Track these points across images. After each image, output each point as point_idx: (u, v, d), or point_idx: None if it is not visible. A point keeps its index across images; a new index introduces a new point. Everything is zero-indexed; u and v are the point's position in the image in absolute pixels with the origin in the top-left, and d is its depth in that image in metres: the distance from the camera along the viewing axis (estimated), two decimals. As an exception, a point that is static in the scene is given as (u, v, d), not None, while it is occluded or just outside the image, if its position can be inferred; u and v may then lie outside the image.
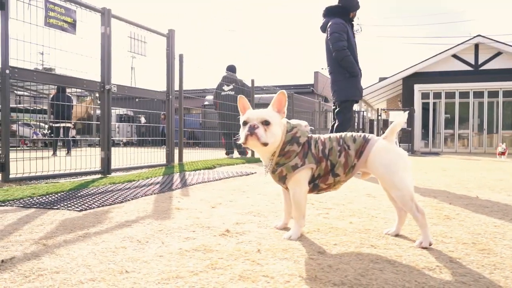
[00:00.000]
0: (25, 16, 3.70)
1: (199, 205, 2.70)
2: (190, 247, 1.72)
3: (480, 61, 17.63)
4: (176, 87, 5.89)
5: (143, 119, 19.08)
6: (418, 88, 17.19)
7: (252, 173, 4.76)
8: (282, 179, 1.86)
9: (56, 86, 8.33)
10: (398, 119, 1.91)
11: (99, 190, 3.22)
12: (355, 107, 19.47)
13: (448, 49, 18.17)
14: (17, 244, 1.74)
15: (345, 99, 4.98)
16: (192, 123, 14.80)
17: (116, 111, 17.86)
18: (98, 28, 4.43)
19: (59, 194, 3.01)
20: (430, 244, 1.75)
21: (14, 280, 1.34)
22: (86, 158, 4.63)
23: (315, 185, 1.90)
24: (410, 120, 16.10)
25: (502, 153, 8.79)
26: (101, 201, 2.73)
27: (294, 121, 1.97)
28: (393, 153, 1.83)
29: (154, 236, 1.89)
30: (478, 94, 16.66)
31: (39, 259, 1.54)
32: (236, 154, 8.68)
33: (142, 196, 2.97)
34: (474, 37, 17.60)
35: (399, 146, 1.96)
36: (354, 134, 1.96)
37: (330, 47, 4.95)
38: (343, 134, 1.97)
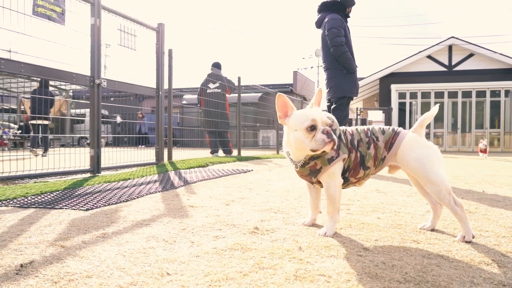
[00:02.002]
0: (11, 2, 3.45)
1: (212, 202, 2.56)
2: (225, 246, 1.59)
3: (453, 62, 18.11)
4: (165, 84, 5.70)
5: (119, 118, 18.61)
6: (395, 88, 17.48)
7: (249, 171, 4.64)
8: (314, 173, 1.76)
9: (40, 80, 7.94)
10: (429, 112, 1.85)
11: (97, 189, 3.03)
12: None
13: (423, 50, 18.58)
14: (31, 247, 1.56)
15: (342, 95, 4.93)
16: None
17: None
18: (88, 20, 4.21)
19: (54, 194, 2.80)
20: (473, 237, 1.69)
21: (42, 286, 1.18)
22: (66, 156, 4.40)
23: (345, 179, 1.81)
24: (388, 119, 16.37)
25: (484, 151, 8.98)
26: (105, 200, 2.55)
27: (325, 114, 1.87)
28: (425, 147, 1.77)
29: (180, 235, 1.75)
30: (453, 94, 17.10)
31: (63, 263, 1.38)
32: (221, 153, 8.53)
33: (147, 194, 2.80)
34: (448, 38, 18.06)
35: None
36: (382, 126, 1.89)
37: (328, 43, 4.89)
38: (369, 126, 1.89)
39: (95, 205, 2.36)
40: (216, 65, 8.73)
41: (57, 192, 2.86)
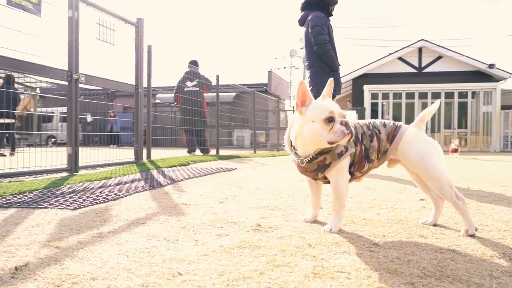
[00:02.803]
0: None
1: (205, 200, 2.48)
2: (231, 244, 1.53)
3: (423, 64, 18.64)
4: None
5: (89, 118, 18.08)
6: (368, 89, 17.78)
7: (233, 169, 4.57)
8: (322, 168, 1.71)
9: (4, 77, 7.57)
10: (430, 107, 1.85)
11: (80, 188, 2.89)
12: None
13: (394, 52, 19.03)
14: (22, 248, 1.45)
15: (324, 93, 4.93)
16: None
17: (59, 110, 16.83)
18: (65, 13, 4.02)
19: (34, 193, 2.64)
20: (476, 230, 1.70)
21: (43, 290, 1.08)
22: (36, 155, 4.19)
23: (350, 174, 1.78)
24: (361, 119, 16.65)
25: (455, 150, 9.25)
26: (92, 198, 2.43)
27: None
28: (426, 141, 1.76)
29: (181, 233, 1.67)
30: (423, 95, 17.55)
31: (61, 264, 1.28)
32: (198, 152, 8.40)
33: (134, 192, 2.69)
34: (418, 41, 18.56)
35: None
36: (382, 120, 1.87)
37: (311, 41, 4.88)
38: (370, 120, 1.87)
39: (82, 204, 2.23)
40: (194, 63, 8.60)
41: (37, 192, 2.70)
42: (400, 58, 18.78)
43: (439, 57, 18.37)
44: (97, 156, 4.74)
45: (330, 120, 1.57)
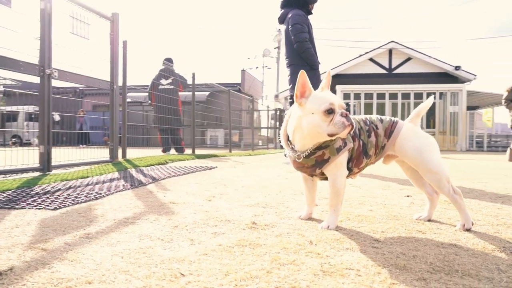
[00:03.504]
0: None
1: (192, 198, 2.40)
2: (230, 242, 1.46)
3: (393, 65, 19.08)
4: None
5: (57, 117, 17.47)
6: (340, 89, 18.01)
7: (214, 168, 4.49)
8: (320, 164, 1.67)
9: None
10: (425, 102, 1.85)
11: (56, 188, 2.74)
12: (279, 105, 19.80)
13: (366, 53, 19.40)
14: (3, 251, 1.33)
15: (305, 91, 4.92)
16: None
17: (25, 109, 16.20)
18: (38, 4, 3.83)
19: (7, 193, 2.48)
20: (472, 225, 1.70)
21: (35, 296, 0.99)
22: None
23: (348, 169, 1.74)
24: (334, 119, 16.83)
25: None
26: (71, 198, 2.30)
27: None
28: (423, 136, 1.76)
29: (174, 233, 1.59)
30: (393, 96, 17.94)
31: (51, 267, 1.18)
32: (173, 151, 8.24)
33: (116, 191, 2.57)
34: (388, 42, 18.97)
35: None
36: (378, 115, 1.85)
37: (291, 38, 4.86)
38: (367, 115, 1.85)
39: (62, 204, 2.11)
40: (169, 61, 8.43)
41: (10, 192, 2.54)
42: (371, 59, 19.15)
43: (409, 59, 18.86)
44: (68, 156, 4.54)
45: (330, 111, 1.53)
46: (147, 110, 14.66)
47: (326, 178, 1.74)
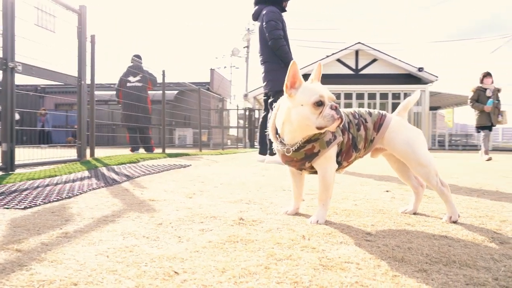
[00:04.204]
0: None
1: (172, 196, 2.31)
2: (220, 239, 1.40)
3: (360, 66, 19.46)
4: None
5: (16, 116, 16.71)
6: (309, 89, 18.14)
7: (188, 165, 4.38)
8: (310, 157, 1.63)
9: None
10: (412, 96, 1.85)
11: (23, 187, 2.57)
12: (249, 104, 19.78)
13: (333, 54, 19.68)
14: (-28, 253, 1.21)
15: (280, 88, 4.86)
16: (76, 119, 13.37)
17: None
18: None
19: (-31, 193, 2.31)
20: (459, 217, 1.72)
21: (14, 300, 0.89)
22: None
23: (338, 163, 1.72)
24: (303, 119, 16.98)
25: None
26: (41, 197, 2.16)
27: None
28: (411, 129, 1.76)
29: (159, 230, 1.51)
30: (360, 96, 18.31)
31: (29, 269, 1.07)
32: (142, 151, 8.03)
33: (89, 190, 2.44)
34: (355, 44, 19.34)
35: None
36: (367, 109, 1.84)
37: (266, 35, 4.83)
38: (356, 108, 1.83)
39: (33, 203, 1.97)
40: (138, 57, 8.19)
41: (-28, 191, 2.36)
42: (339, 60, 19.46)
43: (374, 60, 19.29)
44: (30, 156, 4.31)
45: (319, 104, 1.50)
46: (113, 108, 14.26)
47: (315, 172, 1.70)
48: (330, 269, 1.11)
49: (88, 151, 5.14)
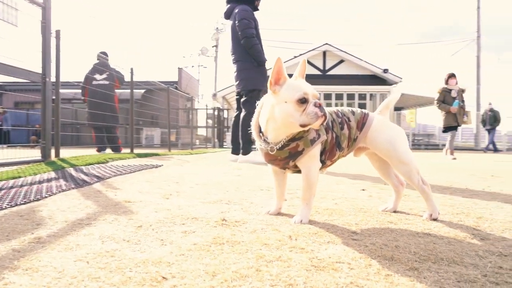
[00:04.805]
0: None
1: (147, 197, 2.22)
2: (205, 241, 1.35)
3: (327, 67, 19.76)
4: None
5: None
6: (277, 89, 18.25)
7: (160, 166, 4.27)
8: (294, 156, 1.61)
9: None
10: (393, 94, 1.87)
11: (-15, 189, 2.41)
12: (217, 104, 19.66)
13: (301, 55, 19.86)
14: None
15: (253, 88, 4.87)
16: (37, 118, 12.87)
17: None
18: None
19: None
20: (439, 214, 1.75)
21: (-12, 314, 0.81)
22: None
23: (321, 162, 1.70)
24: (272, 119, 17.05)
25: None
26: (7, 200, 2.03)
27: None
28: (393, 128, 1.78)
29: (139, 233, 1.44)
30: (327, 96, 18.58)
31: (2, 278, 0.99)
32: (109, 151, 7.79)
33: (59, 191, 2.31)
34: (323, 45, 19.62)
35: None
36: (349, 108, 1.84)
37: (238, 34, 4.78)
38: (339, 107, 1.83)
39: (-2, 206, 1.84)
40: (103, 55, 7.94)
41: None
42: (307, 61, 19.66)
43: (341, 61, 19.64)
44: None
45: (303, 101, 1.47)
46: (78, 107, 13.79)
47: (298, 171, 1.68)
48: (323, 269, 1.09)
49: (53, 151, 4.93)
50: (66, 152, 5.67)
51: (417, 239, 1.42)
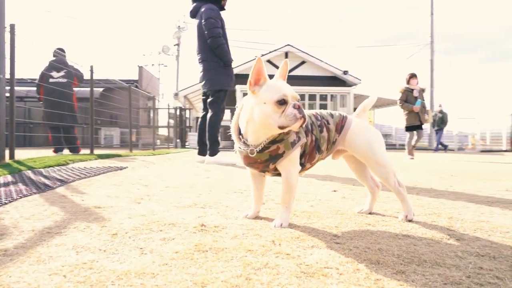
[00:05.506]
0: None
1: (117, 202, 2.13)
2: (187, 248, 1.30)
3: (289, 67, 19.91)
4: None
5: None
6: (240, 89, 18.26)
7: (125, 168, 4.12)
8: (274, 159, 1.58)
9: None
10: (369, 98, 1.89)
11: None
12: (179, 104, 19.37)
13: (263, 55, 19.96)
14: None
15: (219, 88, 4.81)
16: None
17: None
18: None
19: None
20: (414, 215, 1.78)
21: None
22: None
23: (301, 165, 1.70)
24: (235, 119, 17.00)
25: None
26: (-37, 207, 1.87)
27: None
28: (371, 131, 1.80)
29: (116, 242, 1.37)
30: (290, 97, 18.70)
31: (-31, 298, 0.90)
32: (66, 152, 7.47)
33: (20, 197, 2.17)
34: (285, 46, 19.82)
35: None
36: (329, 110, 1.85)
37: (205, 33, 4.71)
38: (317, 110, 1.83)
39: (-47, 215, 1.70)
40: (60, 52, 7.59)
41: None
42: (269, 61, 19.76)
43: (303, 62, 19.93)
44: None
45: (282, 102, 1.46)
46: (31, 105, 13.13)
47: (278, 174, 1.67)
48: (312, 276, 1.07)
49: (7, 153, 4.65)
50: (20, 154, 5.36)
51: (397, 241, 1.44)
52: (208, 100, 4.95)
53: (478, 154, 14.44)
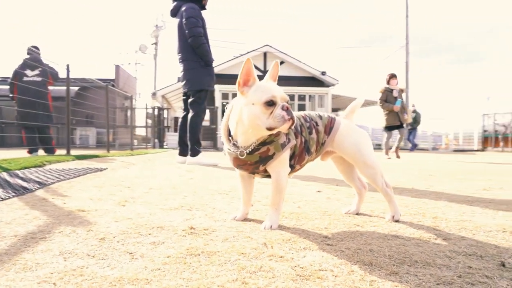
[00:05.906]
0: None
1: (101, 204, 2.08)
2: (179, 252, 1.28)
3: (268, 68, 19.97)
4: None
5: None
6: (219, 89, 18.22)
7: (104, 169, 4.04)
8: (264, 160, 1.58)
9: None
10: (357, 100, 1.91)
11: None
12: (157, 103, 19.15)
13: (241, 55, 19.97)
14: None
15: (200, 88, 4.77)
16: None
17: None
18: None
19: None
20: (400, 216, 1.81)
21: None
22: None
23: (290, 166, 1.70)
24: (213, 118, 16.93)
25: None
26: None
27: None
28: (359, 132, 1.82)
29: (104, 247, 1.33)
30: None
31: (-46, 310, 0.86)
32: (41, 152, 7.26)
33: (-2, 201, 2.09)
34: (263, 46, 19.85)
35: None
36: (317, 112, 1.86)
37: (186, 33, 4.66)
38: (306, 112, 1.83)
39: None
40: (34, 50, 7.37)
41: None
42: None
43: (282, 62, 19.96)
44: None
45: (270, 103, 1.45)
46: (2, 104, 12.71)
47: (268, 176, 1.66)
48: (308, 278, 1.07)
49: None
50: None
51: (387, 241, 1.46)
52: (189, 100, 4.90)
53: (452, 153, 14.86)
